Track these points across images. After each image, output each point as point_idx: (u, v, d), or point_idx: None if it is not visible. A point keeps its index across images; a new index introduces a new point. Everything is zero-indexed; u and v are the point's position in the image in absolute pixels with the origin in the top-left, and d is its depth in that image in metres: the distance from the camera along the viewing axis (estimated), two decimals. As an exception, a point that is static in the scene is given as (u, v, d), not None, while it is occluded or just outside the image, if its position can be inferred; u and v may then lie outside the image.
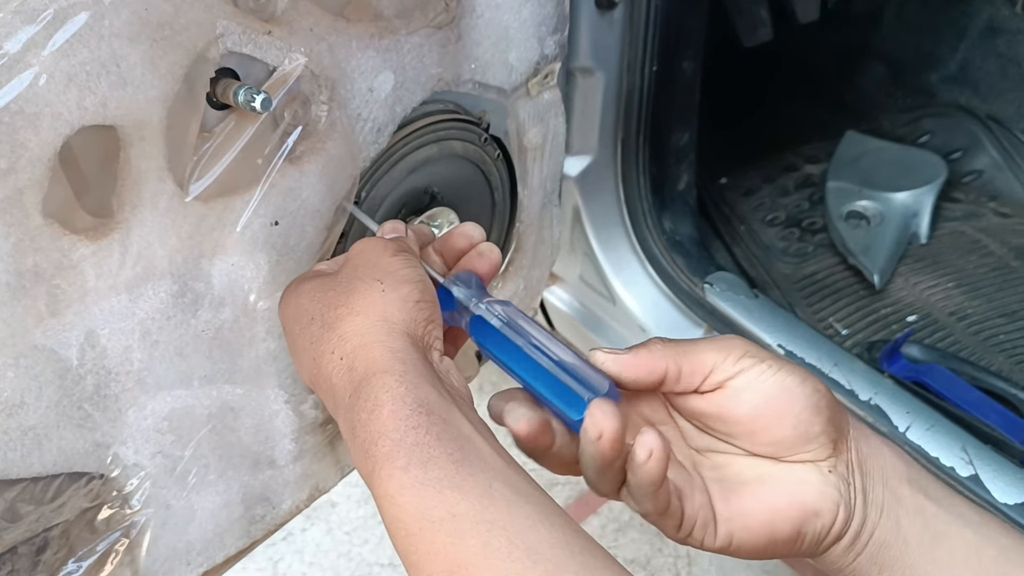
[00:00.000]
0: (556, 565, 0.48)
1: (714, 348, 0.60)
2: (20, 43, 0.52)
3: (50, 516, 0.67)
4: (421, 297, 0.62)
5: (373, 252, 0.65)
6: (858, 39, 1.84)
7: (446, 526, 0.49)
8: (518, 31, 0.86)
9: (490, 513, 0.50)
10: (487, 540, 0.49)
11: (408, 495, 0.51)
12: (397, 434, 0.53)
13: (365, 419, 0.54)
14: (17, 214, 0.55)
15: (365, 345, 0.58)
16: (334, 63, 0.70)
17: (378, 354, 0.57)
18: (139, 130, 0.59)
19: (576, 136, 1.15)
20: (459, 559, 0.49)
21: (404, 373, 0.56)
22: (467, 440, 0.53)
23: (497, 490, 0.51)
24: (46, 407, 0.62)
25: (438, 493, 0.50)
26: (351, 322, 0.60)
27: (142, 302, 0.65)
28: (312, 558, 1.62)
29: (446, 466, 0.51)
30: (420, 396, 0.54)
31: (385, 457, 0.52)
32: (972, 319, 1.36)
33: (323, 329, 0.61)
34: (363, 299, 0.61)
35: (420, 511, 0.50)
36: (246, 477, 0.80)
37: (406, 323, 0.60)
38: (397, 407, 0.54)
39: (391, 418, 0.53)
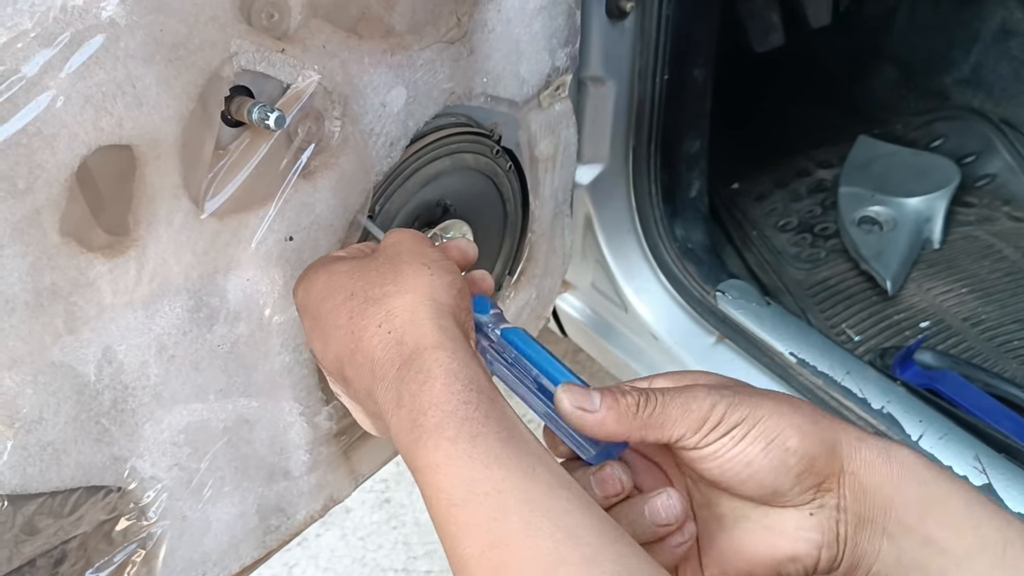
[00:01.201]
0: (594, 549, 0.48)
1: (682, 417, 0.58)
2: (38, 66, 0.52)
3: (68, 529, 0.68)
4: (463, 287, 0.63)
5: (413, 240, 0.66)
6: (870, 43, 1.84)
7: (491, 500, 0.50)
8: (529, 44, 0.87)
9: (534, 493, 0.50)
10: (530, 518, 0.49)
11: (455, 466, 0.51)
12: (449, 406, 0.53)
13: (415, 390, 0.54)
14: (35, 233, 0.56)
15: (416, 321, 0.58)
16: (347, 79, 0.71)
17: (428, 330, 0.58)
18: (154, 149, 0.60)
19: (588, 145, 1.15)
20: (501, 534, 0.49)
21: (455, 350, 0.56)
22: (512, 423, 0.54)
23: (540, 473, 0.51)
24: (64, 422, 0.63)
25: (485, 468, 0.51)
26: (401, 299, 0.60)
27: (158, 318, 0.66)
28: (327, 563, 1.63)
29: (494, 444, 0.52)
30: (471, 373, 0.55)
31: (434, 427, 0.52)
32: (986, 325, 1.35)
33: (367, 304, 0.60)
34: (412, 279, 0.61)
35: (466, 483, 0.50)
36: (261, 488, 0.81)
37: (452, 307, 0.61)
38: (450, 381, 0.54)
39: (443, 391, 0.54)
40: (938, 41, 1.76)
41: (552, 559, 0.48)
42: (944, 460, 0.99)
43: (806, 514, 0.59)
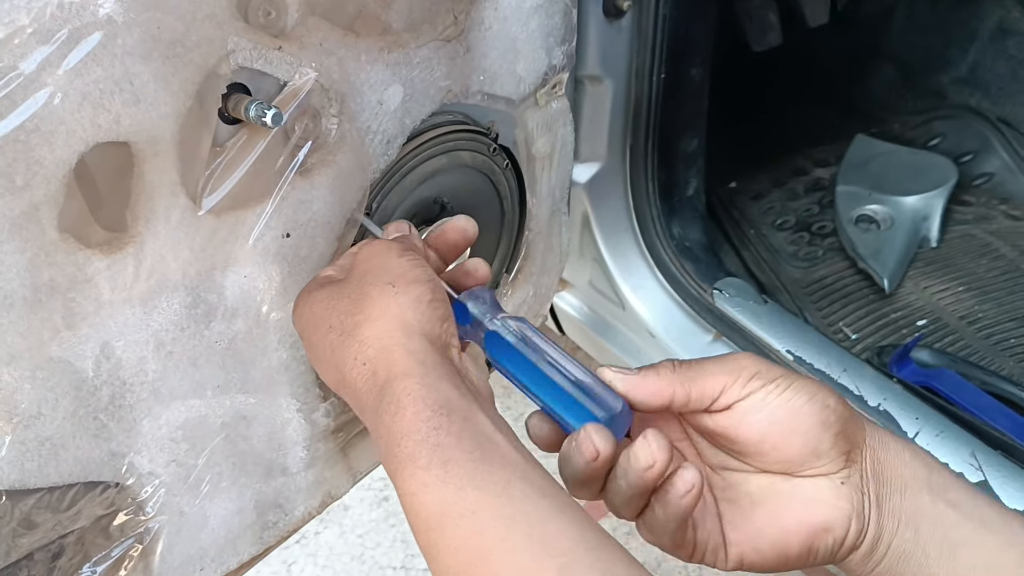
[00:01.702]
0: (571, 558, 0.49)
1: (723, 371, 0.60)
2: (35, 63, 0.53)
3: (66, 523, 0.68)
4: (433, 296, 0.63)
5: (380, 255, 0.66)
6: (868, 42, 1.84)
7: (466, 521, 0.51)
8: (526, 43, 0.87)
9: (508, 509, 0.51)
10: (505, 534, 0.50)
11: (429, 492, 0.52)
12: (419, 435, 0.54)
13: (388, 421, 0.56)
14: (33, 229, 0.56)
15: (386, 348, 0.59)
16: (344, 77, 0.71)
17: (398, 356, 0.58)
18: (152, 146, 0.60)
19: (585, 143, 1.15)
20: (477, 552, 0.50)
21: (424, 375, 0.57)
22: (487, 438, 0.55)
23: (516, 487, 0.52)
24: (62, 418, 0.63)
25: (458, 490, 0.52)
26: (371, 328, 0.61)
27: (156, 314, 0.66)
28: (325, 561, 1.64)
29: (466, 464, 0.53)
30: (440, 397, 0.56)
31: (408, 457, 0.54)
32: (982, 323, 1.36)
33: (342, 337, 0.62)
34: (379, 303, 0.62)
35: (441, 507, 0.52)
36: (259, 484, 0.81)
37: (422, 324, 0.61)
38: (418, 408, 0.55)
39: (413, 419, 0.55)
40: (936, 40, 1.77)
41: (528, 571, 0.49)
42: (940, 457, 0.99)
43: (837, 483, 0.60)
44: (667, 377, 0.61)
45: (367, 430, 0.90)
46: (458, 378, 0.59)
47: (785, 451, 0.60)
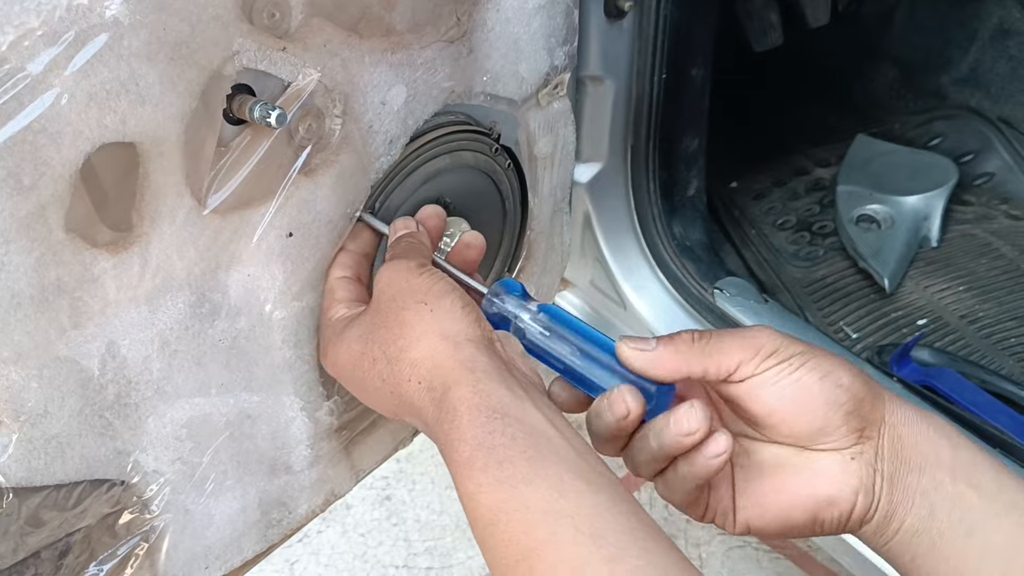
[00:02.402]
0: (618, 549, 0.52)
1: (741, 347, 0.62)
2: (43, 64, 0.53)
3: (72, 521, 0.68)
4: (464, 302, 0.66)
5: (401, 278, 0.68)
6: (868, 42, 1.84)
7: (518, 516, 0.54)
8: (528, 43, 0.88)
9: (559, 504, 0.54)
10: (555, 529, 0.53)
11: (486, 492, 0.56)
12: (475, 440, 0.57)
13: (447, 429, 0.59)
14: (40, 229, 0.57)
15: (437, 364, 0.62)
16: (347, 78, 0.72)
17: (449, 368, 0.62)
18: (157, 146, 0.61)
19: (586, 143, 1.15)
20: (529, 546, 0.53)
21: (476, 382, 0.60)
22: (541, 435, 0.58)
23: (567, 481, 0.55)
24: (68, 416, 0.64)
25: (512, 488, 0.55)
26: (417, 349, 0.64)
27: (161, 313, 0.67)
28: (328, 560, 1.64)
29: (520, 464, 0.56)
30: (493, 402, 0.59)
31: (465, 462, 0.57)
32: (983, 322, 1.36)
33: (391, 364, 0.65)
34: (418, 325, 0.65)
35: (496, 505, 0.55)
36: (263, 482, 0.82)
37: (463, 331, 0.64)
38: (473, 416, 0.58)
39: (469, 426, 0.58)
40: (936, 40, 1.77)
41: (577, 562, 0.51)
42: (940, 455, 1.00)
43: (847, 458, 0.62)
44: (684, 353, 0.63)
45: (370, 428, 0.91)
46: (509, 376, 0.62)
47: (793, 426, 0.61)
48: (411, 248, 0.73)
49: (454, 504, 1.72)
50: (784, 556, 1.59)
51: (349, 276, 0.76)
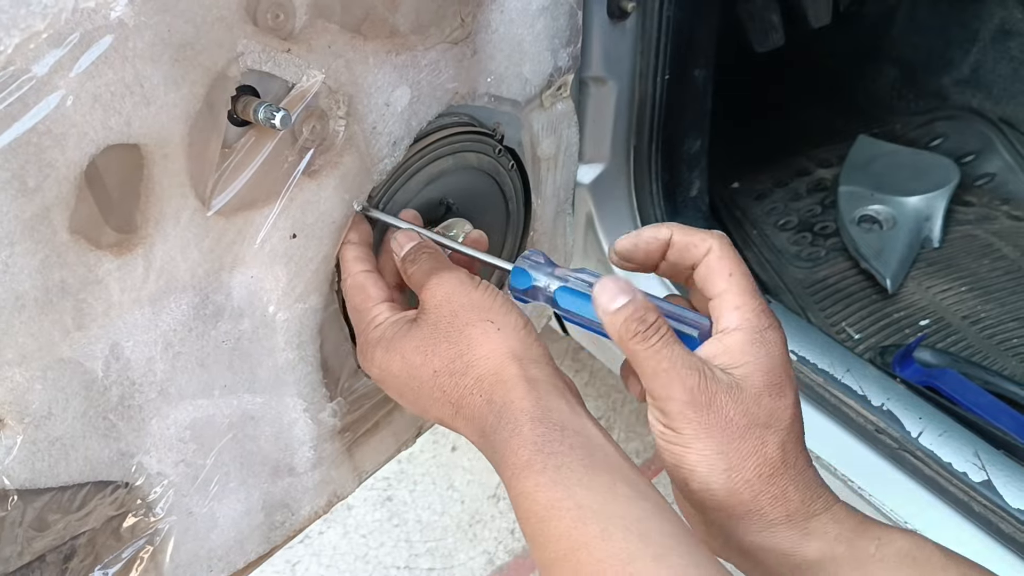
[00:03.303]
0: (664, 548, 0.54)
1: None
2: (48, 66, 0.53)
3: (77, 524, 0.68)
4: (526, 321, 0.69)
5: (461, 294, 0.70)
6: (870, 42, 1.84)
7: (571, 513, 0.56)
8: (532, 45, 0.88)
9: (611, 507, 0.57)
10: (606, 527, 0.55)
11: (542, 490, 0.58)
12: (535, 446, 0.60)
13: (507, 436, 0.62)
14: (45, 231, 0.57)
15: (501, 381, 0.65)
16: (351, 79, 0.71)
17: (513, 385, 0.64)
18: (162, 148, 0.61)
19: (589, 144, 1.15)
20: (580, 540, 0.55)
21: (538, 397, 0.63)
22: (598, 448, 0.61)
23: (620, 489, 0.58)
24: (72, 418, 0.64)
25: (567, 489, 0.58)
26: (483, 366, 0.66)
27: (165, 314, 0.67)
28: (329, 561, 1.64)
29: (577, 468, 0.59)
30: (554, 416, 0.62)
31: (525, 463, 0.60)
32: (985, 323, 1.36)
33: (454, 377, 0.67)
34: (485, 343, 0.67)
35: (551, 503, 0.57)
36: (266, 484, 0.82)
37: (526, 349, 0.67)
38: (534, 426, 0.61)
39: (530, 434, 0.61)
40: (937, 41, 1.77)
41: (625, 557, 0.54)
42: (944, 456, 1.00)
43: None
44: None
45: (373, 430, 0.91)
46: (568, 392, 0.66)
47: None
48: (440, 259, 0.74)
49: (455, 505, 1.72)
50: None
51: (371, 270, 0.77)
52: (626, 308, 0.64)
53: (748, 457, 0.62)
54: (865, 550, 0.62)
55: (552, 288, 0.72)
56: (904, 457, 1.02)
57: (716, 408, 0.62)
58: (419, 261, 0.74)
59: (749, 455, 0.62)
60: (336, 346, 0.82)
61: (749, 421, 0.62)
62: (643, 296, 0.66)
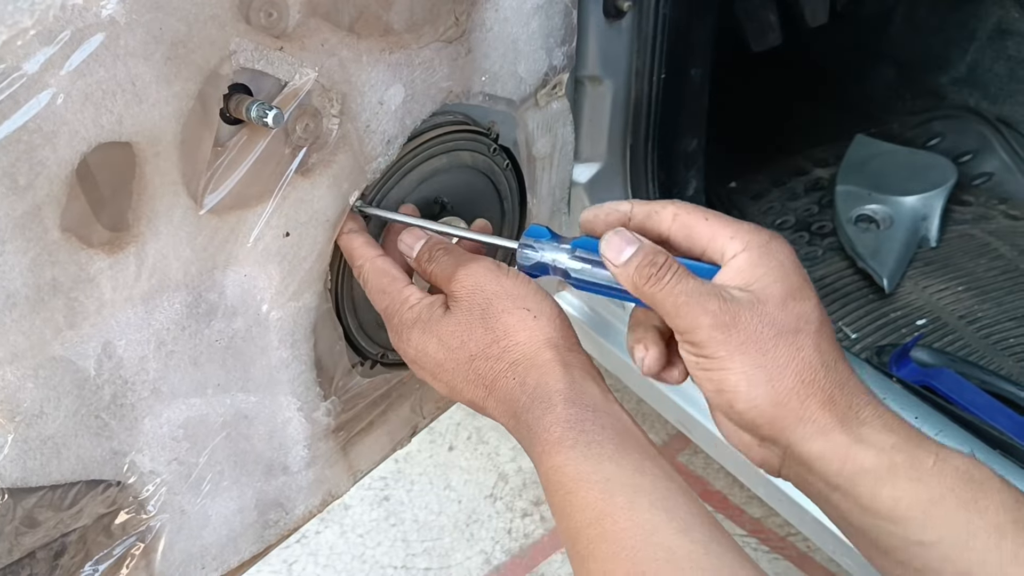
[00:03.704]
0: (687, 523, 0.56)
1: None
2: (38, 64, 0.53)
3: (68, 522, 0.68)
4: (559, 309, 0.71)
5: (492, 282, 0.71)
6: (867, 42, 1.84)
7: (599, 485, 0.59)
8: (527, 43, 0.87)
9: (639, 482, 0.59)
10: (632, 499, 0.58)
11: (571, 464, 0.60)
12: (568, 423, 0.62)
13: (539, 414, 0.64)
14: (36, 229, 0.57)
15: (536, 364, 0.67)
16: (345, 77, 0.71)
17: (548, 369, 0.66)
18: (154, 146, 0.61)
19: (585, 143, 1.15)
20: (606, 510, 0.57)
21: (572, 381, 0.65)
22: (627, 430, 0.63)
23: (647, 467, 0.60)
24: (64, 417, 0.63)
25: (597, 463, 0.60)
26: (519, 351, 0.68)
27: (157, 313, 0.67)
28: (326, 560, 1.64)
29: (607, 446, 0.61)
30: (587, 399, 0.64)
31: (556, 440, 0.62)
32: (982, 323, 1.36)
33: (490, 362, 0.69)
34: (522, 330, 0.69)
35: (579, 476, 0.60)
36: (260, 483, 0.82)
37: (562, 336, 0.69)
38: (567, 406, 0.63)
39: (564, 413, 0.63)
40: (935, 40, 1.77)
41: (649, 528, 0.56)
42: (939, 456, 1.00)
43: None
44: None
45: (368, 429, 0.91)
46: (599, 377, 0.68)
47: None
48: (459, 252, 0.75)
49: (452, 505, 1.71)
50: (783, 557, 1.59)
51: (385, 254, 0.77)
52: (635, 256, 0.65)
53: (786, 364, 0.62)
54: (924, 462, 0.61)
55: (561, 260, 0.72)
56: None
57: (742, 324, 0.62)
58: (437, 258, 0.74)
59: (787, 362, 0.62)
60: (330, 345, 0.82)
61: (778, 329, 0.62)
62: (649, 242, 0.66)
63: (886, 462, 0.61)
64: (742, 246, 0.65)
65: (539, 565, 1.61)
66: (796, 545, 1.60)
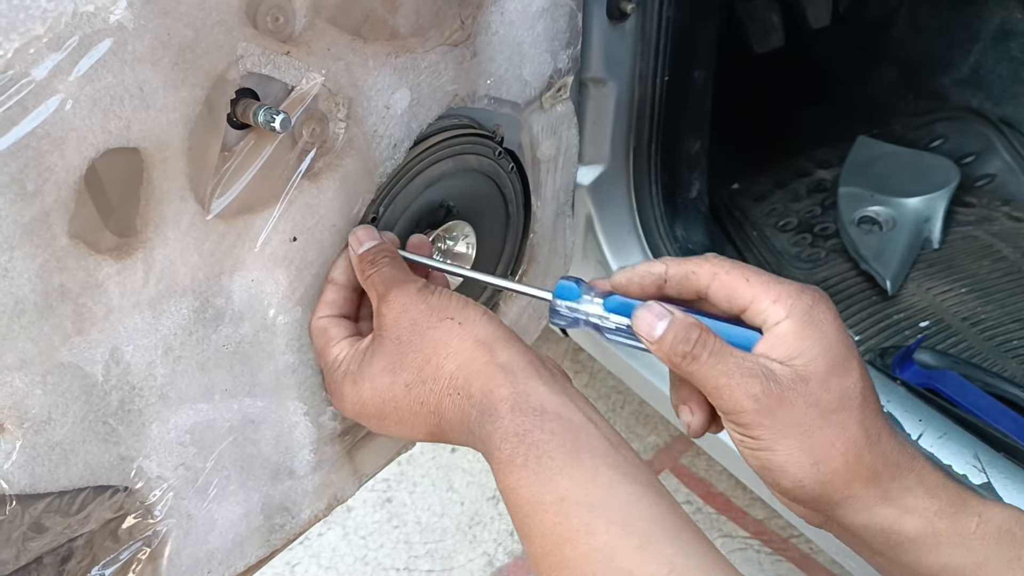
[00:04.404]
0: (649, 538, 0.55)
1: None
2: (47, 70, 0.53)
3: (75, 527, 0.68)
4: (484, 309, 0.69)
5: (418, 301, 0.69)
6: (870, 43, 1.84)
7: (554, 508, 0.58)
8: (532, 46, 0.87)
9: (594, 496, 0.57)
10: (588, 520, 0.56)
11: (525, 486, 0.59)
12: (516, 437, 0.61)
13: (490, 431, 0.62)
14: (44, 235, 0.56)
15: (474, 372, 0.65)
16: (351, 81, 0.71)
17: (488, 374, 0.64)
18: (162, 151, 0.61)
19: (588, 146, 1.15)
20: (564, 535, 0.56)
21: (515, 382, 0.63)
22: (579, 429, 0.61)
23: (603, 474, 0.58)
24: (72, 423, 0.63)
25: (549, 481, 0.58)
26: (453, 361, 0.66)
27: (165, 318, 0.67)
28: (329, 562, 1.64)
29: (558, 457, 0.59)
30: (533, 401, 0.62)
31: (507, 459, 0.60)
32: (985, 324, 1.36)
33: (428, 383, 0.67)
34: (451, 340, 0.67)
35: (534, 498, 0.59)
36: (266, 487, 0.81)
37: (493, 334, 0.67)
38: (514, 415, 0.62)
39: (510, 424, 0.61)
40: (937, 42, 1.77)
41: (607, 551, 0.55)
42: (944, 459, 1.00)
43: None
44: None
45: (372, 433, 0.91)
46: (545, 371, 0.65)
47: None
48: (400, 266, 0.73)
49: (455, 507, 1.71)
50: (786, 559, 1.59)
51: (335, 315, 0.75)
52: (668, 332, 0.63)
53: (832, 445, 0.61)
54: (967, 527, 0.61)
55: (595, 317, 0.70)
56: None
57: (787, 407, 0.61)
58: (379, 265, 0.73)
59: (833, 443, 0.61)
60: (336, 349, 0.82)
61: (822, 409, 0.61)
62: (683, 314, 0.64)
63: (930, 530, 0.61)
64: (785, 313, 0.63)
65: (542, 567, 1.61)
66: (799, 547, 1.60)
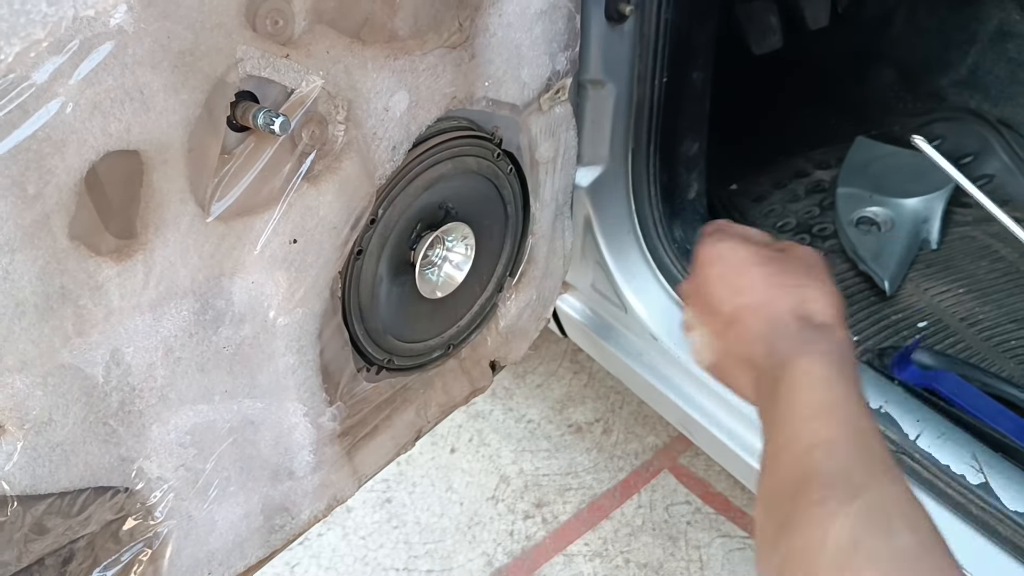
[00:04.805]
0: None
1: None
2: (47, 73, 0.53)
3: (76, 528, 0.68)
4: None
5: (818, 258, 0.79)
6: (868, 44, 1.84)
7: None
8: (530, 49, 0.88)
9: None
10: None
11: (821, 387, 0.67)
12: (835, 358, 0.69)
13: (816, 338, 0.71)
14: (45, 237, 0.57)
15: (826, 308, 0.74)
16: (350, 84, 0.72)
17: (838, 320, 0.75)
18: (162, 154, 0.61)
19: (587, 147, 1.15)
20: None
21: (851, 342, 0.73)
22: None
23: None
24: (73, 424, 0.64)
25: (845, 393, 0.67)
26: (818, 291, 0.76)
27: (165, 320, 0.67)
28: (328, 563, 1.64)
29: (852, 387, 0.68)
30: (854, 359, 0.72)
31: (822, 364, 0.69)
32: (983, 325, 1.36)
33: (785, 288, 0.75)
34: (825, 285, 0.76)
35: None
36: (266, 488, 0.82)
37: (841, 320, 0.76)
38: (846, 352, 0.70)
39: (839, 353, 0.70)
40: (935, 43, 1.77)
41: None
42: (942, 459, 1.00)
43: None
44: None
45: (372, 433, 0.91)
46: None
47: None
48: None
49: (454, 507, 1.72)
50: (784, 558, 1.59)
51: None
52: None
53: None
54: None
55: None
56: (902, 459, 1.02)
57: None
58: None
59: None
60: (336, 351, 0.82)
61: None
62: None
63: None
64: None
65: (541, 567, 1.61)
66: (798, 547, 1.60)
